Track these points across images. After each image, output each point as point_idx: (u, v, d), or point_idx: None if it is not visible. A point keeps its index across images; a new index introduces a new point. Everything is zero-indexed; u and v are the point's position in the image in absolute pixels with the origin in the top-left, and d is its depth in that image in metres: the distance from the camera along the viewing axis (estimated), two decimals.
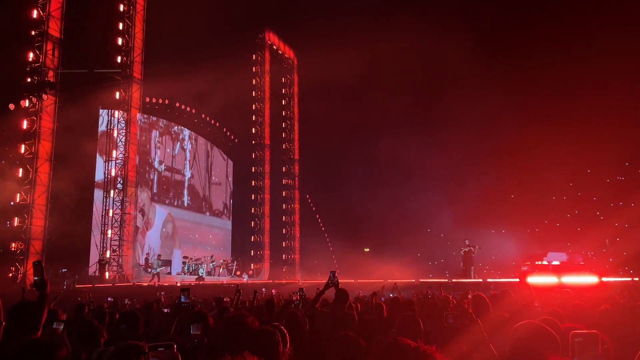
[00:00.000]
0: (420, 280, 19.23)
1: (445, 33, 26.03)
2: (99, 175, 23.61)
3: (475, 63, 27.02)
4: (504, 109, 28.62)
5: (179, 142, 30.50)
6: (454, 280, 19.24)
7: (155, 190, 28.23)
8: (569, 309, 5.60)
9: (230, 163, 34.82)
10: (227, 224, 34.11)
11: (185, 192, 30.72)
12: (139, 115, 23.73)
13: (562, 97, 29.45)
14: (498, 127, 29.57)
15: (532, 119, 29.16)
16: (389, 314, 5.67)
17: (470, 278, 21.31)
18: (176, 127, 30.26)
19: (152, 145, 28.39)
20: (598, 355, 2.24)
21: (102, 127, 24.15)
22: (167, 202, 29.16)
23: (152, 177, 28.17)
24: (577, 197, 31.48)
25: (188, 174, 31.05)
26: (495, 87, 27.91)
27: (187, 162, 31.15)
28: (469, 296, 7.70)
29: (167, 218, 29.24)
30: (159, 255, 24.69)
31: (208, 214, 32.52)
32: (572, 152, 27.62)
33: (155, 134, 28.60)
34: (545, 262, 18.90)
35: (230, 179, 34.84)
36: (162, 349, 2.17)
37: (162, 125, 29.24)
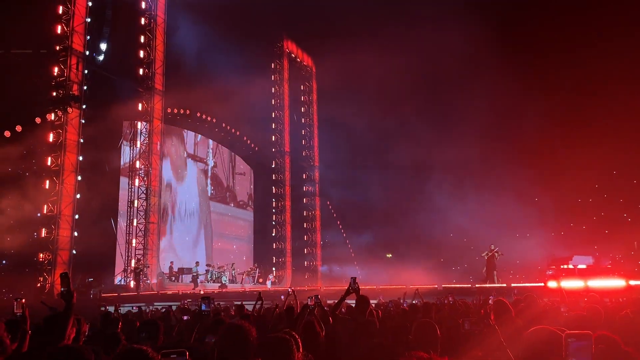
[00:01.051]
0: (443, 285, 19.02)
1: (464, 30, 25.80)
2: (122, 185, 24.04)
3: (497, 61, 26.75)
4: (527, 108, 28.23)
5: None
6: (477, 285, 19.00)
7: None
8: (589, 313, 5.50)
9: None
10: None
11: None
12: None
13: (587, 96, 28.90)
14: (521, 127, 29.20)
15: (556, 118, 28.70)
16: (409, 321, 5.65)
17: (493, 283, 21.01)
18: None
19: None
20: (592, 355, 2.22)
21: (125, 138, 24.62)
22: None
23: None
24: (604, 199, 30.85)
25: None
26: (518, 87, 27.59)
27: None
28: (490, 301, 7.60)
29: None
30: (198, 262, 25.05)
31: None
32: (597, 152, 27.10)
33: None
34: (571, 266, 18.53)
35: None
36: (175, 355, 2.23)
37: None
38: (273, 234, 32.53)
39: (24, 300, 3.82)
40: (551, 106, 28.86)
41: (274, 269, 31.70)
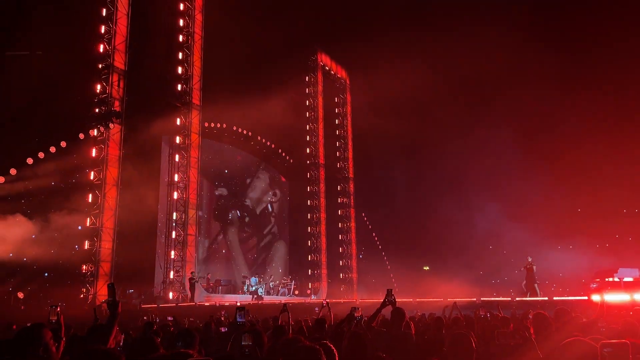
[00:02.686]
0: (482, 298, 18.60)
1: (501, 35, 25.26)
2: (162, 198, 24.58)
3: (536, 66, 26.07)
4: (568, 114, 27.36)
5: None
6: (517, 299, 18.51)
7: None
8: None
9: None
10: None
11: None
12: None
13: (633, 99, 27.73)
14: (563, 133, 28.32)
15: (600, 124, 27.64)
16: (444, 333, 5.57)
17: (536, 296, 20.44)
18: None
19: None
20: None
21: (164, 153, 25.23)
22: None
23: None
24: None
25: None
26: (558, 91, 26.80)
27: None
28: (530, 315, 7.40)
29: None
30: (256, 275, 25.32)
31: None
32: None
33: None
34: (616, 279, 17.82)
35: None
36: None
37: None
38: (308, 246, 32.57)
39: (59, 308, 3.96)
40: (594, 111, 27.78)
41: (310, 283, 31.64)
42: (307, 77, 33.50)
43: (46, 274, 20.14)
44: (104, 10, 20.96)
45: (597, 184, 28.16)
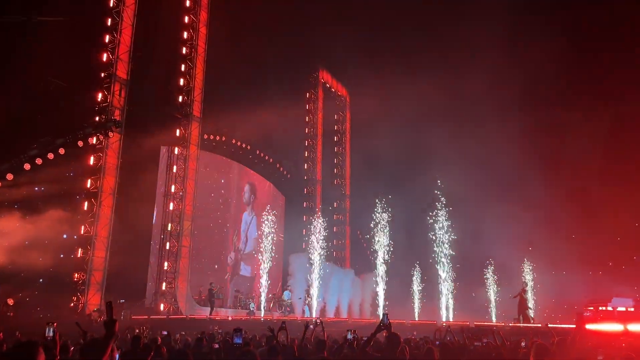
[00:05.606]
0: (476, 323, 18.52)
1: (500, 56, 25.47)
2: (157, 209, 24.48)
3: (531, 98, 26.26)
4: (567, 142, 27.55)
5: None
6: (511, 324, 18.43)
7: None
8: None
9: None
10: None
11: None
12: None
13: (630, 132, 28.08)
14: (560, 162, 28.52)
15: (594, 155, 27.91)
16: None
17: (528, 322, 20.36)
18: None
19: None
20: None
21: (162, 163, 25.16)
22: None
23: None
24: None
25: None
26: (556, 121, 27.01)
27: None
28: (523, 344, 7.36)
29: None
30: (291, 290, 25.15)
31: None
32: (638, 189, 26.28)
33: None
34: (609, 308, 17.79)
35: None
36: None
37: None
38: None
39: (55, 324, 3.91)
40: (588, 141, 28.08)
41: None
42: (307, 94, 33.68)
43: (41, 280, 19.93)
44: (109, 20, 21.08)
45: (591, 211, 28.29)
